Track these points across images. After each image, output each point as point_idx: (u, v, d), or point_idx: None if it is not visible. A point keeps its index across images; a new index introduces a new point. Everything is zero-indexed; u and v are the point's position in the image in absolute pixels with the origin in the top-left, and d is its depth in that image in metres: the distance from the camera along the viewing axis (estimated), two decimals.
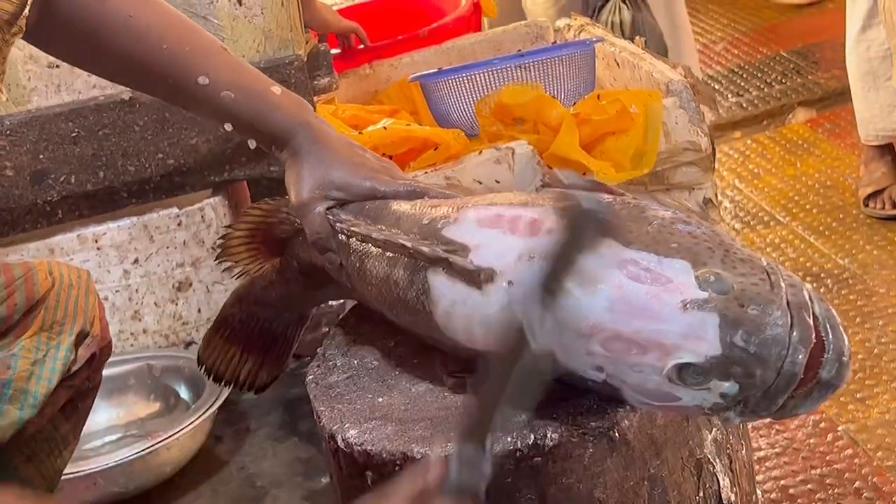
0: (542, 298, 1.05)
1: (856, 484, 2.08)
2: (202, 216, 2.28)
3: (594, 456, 1.22)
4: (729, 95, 4.16)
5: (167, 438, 2.00)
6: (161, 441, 1.99)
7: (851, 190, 3.25)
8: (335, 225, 1.46)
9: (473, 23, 3.15)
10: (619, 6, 3.23)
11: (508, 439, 1.22)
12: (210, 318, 2.15)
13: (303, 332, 1.77)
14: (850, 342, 1.12)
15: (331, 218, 1.47)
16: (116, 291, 2.26)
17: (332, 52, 2.54)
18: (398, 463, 1.26)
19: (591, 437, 1.21)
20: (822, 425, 2.25)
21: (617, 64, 2.61)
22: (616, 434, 1.22)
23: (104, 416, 2.19)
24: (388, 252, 1.38)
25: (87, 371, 1.56)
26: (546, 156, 2.23)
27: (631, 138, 2.27)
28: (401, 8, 3.34)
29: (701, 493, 1.30)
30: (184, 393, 2.21)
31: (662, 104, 2.29)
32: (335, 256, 1.49)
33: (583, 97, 2.42)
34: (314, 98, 2.31)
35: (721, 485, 1.32)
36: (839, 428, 2.24)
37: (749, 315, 1.09)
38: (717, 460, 1.32)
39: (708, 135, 2.33)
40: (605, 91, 2.49)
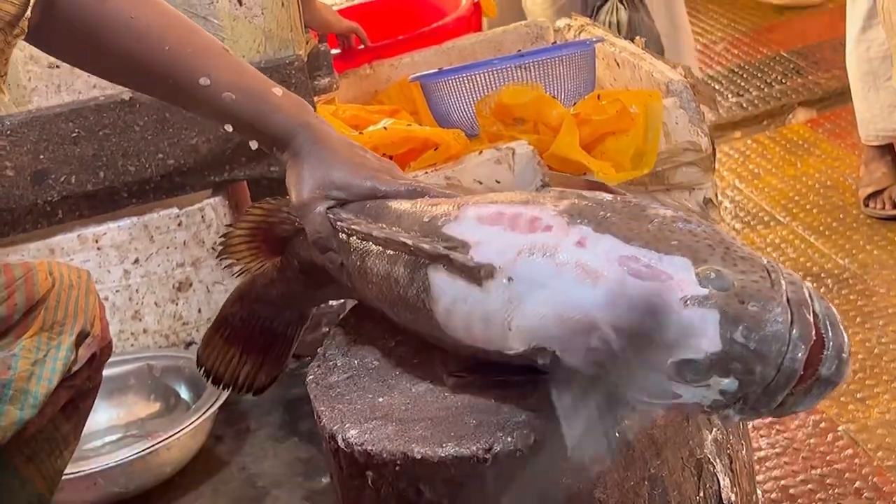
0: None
1: (856, 484, 2.08)
2: (202, 216, 2.27)
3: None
4: (729, 95, 4.16)
5: (167, 438, 1.99)
6: (161, 441, 1.99)
7: (852, 190, 3.25)
8: (336, 224, 1.46)
9: (473, 23, 3.15)
10: (617, 6, 3.23)
11: (509, 439, 1.22)
12: (210, 318, 2.14)
13: (303, 331, 1.77)
14: (850, 340, 1.12)
15: (331, 217, 1.47)
16: (117, 291, 2.26)
17: (333, 53, 2.54)
18: (398, 463, 1.26)
19: None
20: (823, 425, 2.25)
21: (617, 64, 2.61)
22: (616, 434, 1.22)
23: (104, 416, 2.19)
24: (388, 250, 1.38)
25: (88, 371, 1.56)
26: (546, 156, 2.23)
27: (631, 138, 2.27)
28: (401, 8, 3.34)
29: (701, 493, 1.30)
30: (184, 393, 2.21)
31: (662, 104, 2.29)
32: (336, 256, 1.49)
33: (583, 97, 2.42)
34: (314, 98, 2.31)
35: (721, 485, 1.32)
36: (839, 428, 2.24)
37: (749, 312, 1.09)
38: (718, 460, 1.32)
39: (708, 135, 2.33)
40: (605, 91, 2.49)
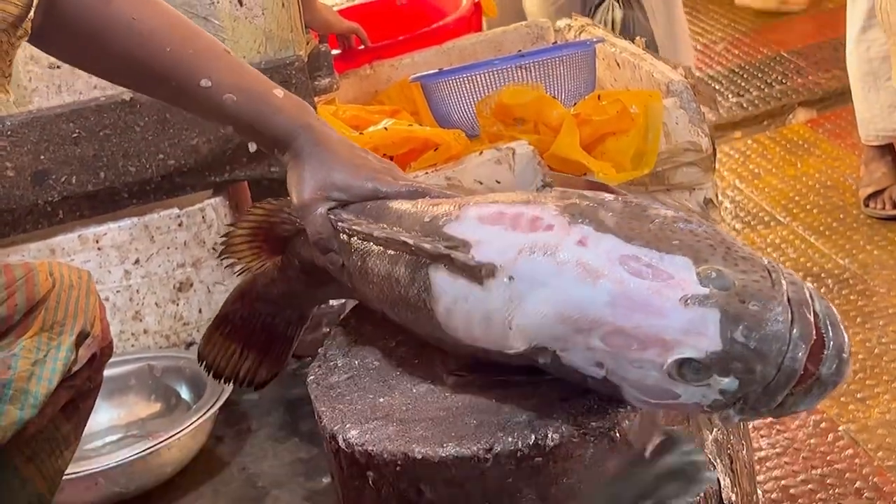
0: None
1: (856, 484, 2.08)
2: (203, 217, 2.27)
3: (595, 456, 1.22)
4: (729, 95, 4.16)
5: (168, 439, 1.99)
6: (162, 441, 1.99)
7: (852, 190, 3.25)
8: (337, 225, 1.46)
9: (474, 23, 3.15)
10: (613, 4, 3.23)
11: (510, 439, 1.22)
12: (211, 319, 2.14)
13: (303, 331, 1.78)
14: (850, 340, 1.12)
15: (332, 218, 1.47)
16: (117, 292, 2.26)
17: (333, 53, 2.54)
18: (399, 463, 1.26)
19: (592, 437, 1.21)
20: (823, 425, 2.25)
21: (617, 64, 2.61)
22: (617, 434, 1.22)
23: (105, 416, 2.18)
24: (389, 250, 1.39)
25: (88, 371, 1.56)
26: (547, 156, 2.23)
27: (631, 139, 2.27)
28: (401, 9, 3.34)
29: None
30: (185, 393, 2.21)
31: (663, 104, 2.29)
32: (337, 257, 1.50)
33: (583, 97, 2.42)
34: (315, 99, 2.30)
35: (722, 485, 1.32)
36: (840, 428, 2.24)
37: (750, 311, 1.10)
38: (718, 460, 1.32)
39: (708, 135, 2.33)
40: (605, 91, 2.49)
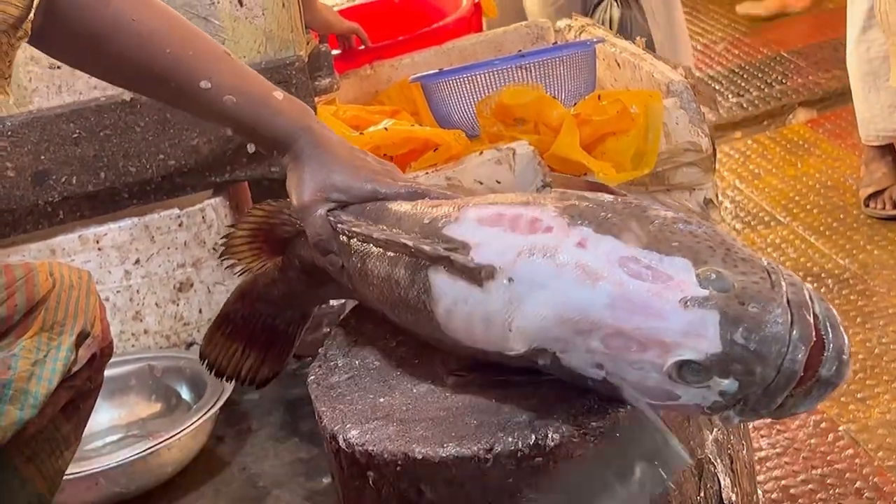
0: None
1: (857, 484, 2.08)
2: (203, 217, 2.27)
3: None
4: (729, 96, 4.16)
5: (169, 439, 2.00)
6: (162, 441, 1.99)
7: (852, 190, 3.25)
8: (336, 226, 1.46)
9: (474, 23, 3.15)
10: (611, 4, 3.23)
11: (510, 439, 1.22)
12: (211, 319, 2.14)
13: (304, 330, 1.78)
14: (850, 341, 1.12)
15: (332, 220, 1.47)
16: (117, 292, 2.26)
17: (333, 53, 2.54)
18: (399, 463, 1.26)
19: (593, 437, 1.21)
20: (824, 425, 2.25)
21: (618, 64, 2.61)
22: (617, 434, 1.22)
23: (106, 416, 2.19)
24: (389, 252, 1.39)
25: (89, 371, 1.56)
26: (547, 156, 2.23)
27: (632, 139, 2.27)
28: (401, 9, 3.34)
29: (702, 493, 1.30)
30: (185, 393, 2.21)
31: (663, 105, 2.29)
32: (336, 258, 1.50)
33: (583, 98, 2.42)
34: (315, 99, 2.31)
35: (722, 485, 1.32)
36: (840, 428, 2.24)
37: (749, 313, 1.10)
38: (719, 460, 1.32)
39: (708, 135, 2.33)
40: (605, 91, 2.49)
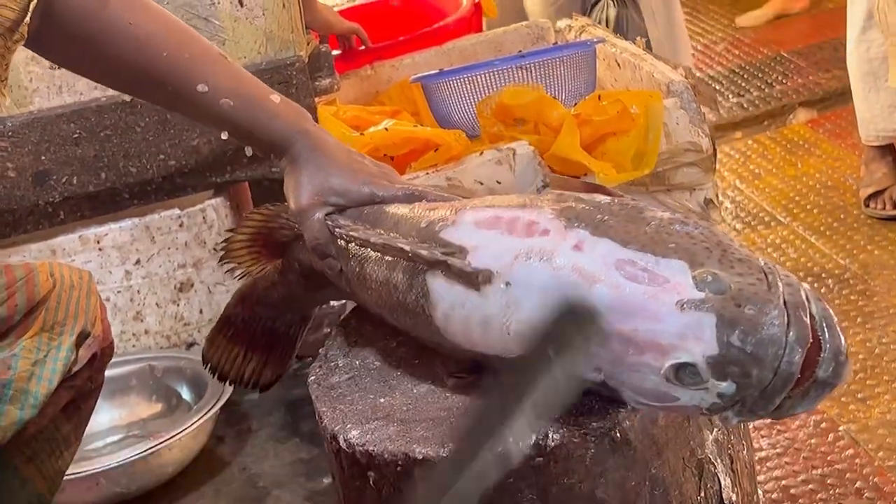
0: None
1: (857, 484, 2.08)
2: (203, 217, 2.28)
3: (596, 456, 1.22)
4: (730, 96, 4.16)
5: (169, 439, 2.00)
6: (163, 442, 2.00)
7: (852, 190, 3.25)
8: (334, 230, 1.46)
9: (474, 23, 3.15)
10: (607, 3, 3.23)
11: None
12: (212, 319, 2.15)
13: (306, 331, 1.78)
14: (847, 341, 1.12)
15: (330, 224, 1.47)
16: (118, 292, 2.27)
17: (334, 53, 2.54)
18: (400, 463, 1.26)
19: (593, 438, 1.22)
20: (824, 425, 2.25)
21: (618, 65, 2.61)
22: (617, 434, 1.22)
23: (106, 416, 2.19)
24: (386, 256, 1.38)
25: (89, 372, 1.56)
26: (547, 156, 2.23)
27: (632, 139, 2.27)
28: (402, 9, 3.34)
29: (702, 494, 1.30)
30: (185, 394, 2.22)
31: (663, 105, 2.29)
32: (335, 262, 1.49)
33: (584, 98, 2.42)
34: (315, 99, 2.31)
35: (722, 485, 1.32)
36: (840, 428, 2.24)
37: (746, 315, 1.10)
38: (719, 460, 1.32)
39: (709, 135, 2.33)
40: (605, 92, 2.49)
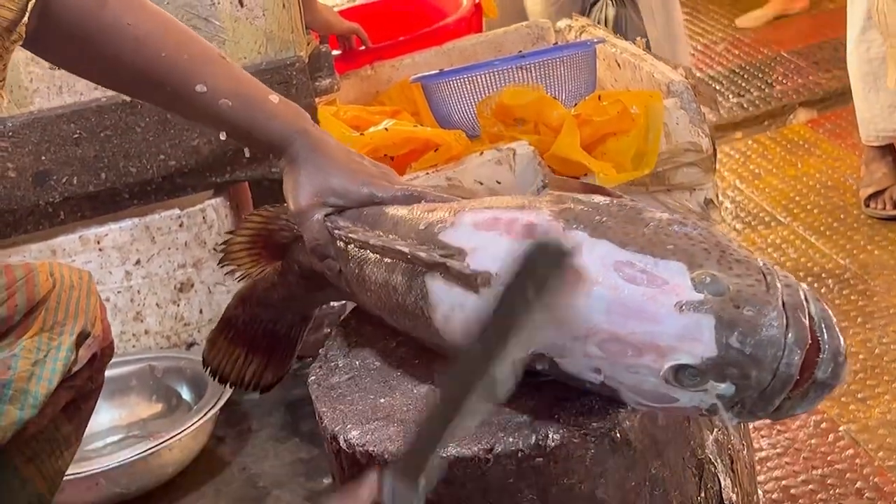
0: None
1: (857, 484, 2.08)
2: (204, 217, 2.28)
3: (596, 456, 1.22)
4: (730, 96, 4.16)
5: (169, 439, 2.00)
6: (163, 442, 2.00)
7: (852, 190, 3.25)
8: (333, 232, 1.46)
9: (474, 24, 3.15)
10: (606, 2, 3.23)
11: (510, 440, 1.22)
12: (212, 319, 2.15)
13: (306, 332, 1.78)
14: (847, 341, 1.12)
15: (329, 225, 1.47)
16: (118, 292, 2.27)
17: (334, 54, 2.55)
18: None
19: (593, 438, 1.22)
20: (824, 425, 2.25)
21: (618, 65, 2.61)
22: (618, 435, 1.22)
23: (106, 416, 2.19)
24: (386, 258, 1.38)
25: (89, 372, 1.56)
26: (547, 156, 2.23)
27: (632, 139, 2.27)
28: (402, 9, 3.34)
29: (702, 494, 1.30)
30: (186, 394, 2.22)
31: (663, 105, 2.29)
32: (334, 263, 1.49)
33: (584, 98, 2.42)
34: (315, 99, 2.31)
35: (722, 485, 1.32)
36: (840, 428, 2.24)
37: (744, 316, 1.10)
38: (719, 461, 1.32)
39: (709, 135, 2.33)
40: (606, 92, 2.49)
